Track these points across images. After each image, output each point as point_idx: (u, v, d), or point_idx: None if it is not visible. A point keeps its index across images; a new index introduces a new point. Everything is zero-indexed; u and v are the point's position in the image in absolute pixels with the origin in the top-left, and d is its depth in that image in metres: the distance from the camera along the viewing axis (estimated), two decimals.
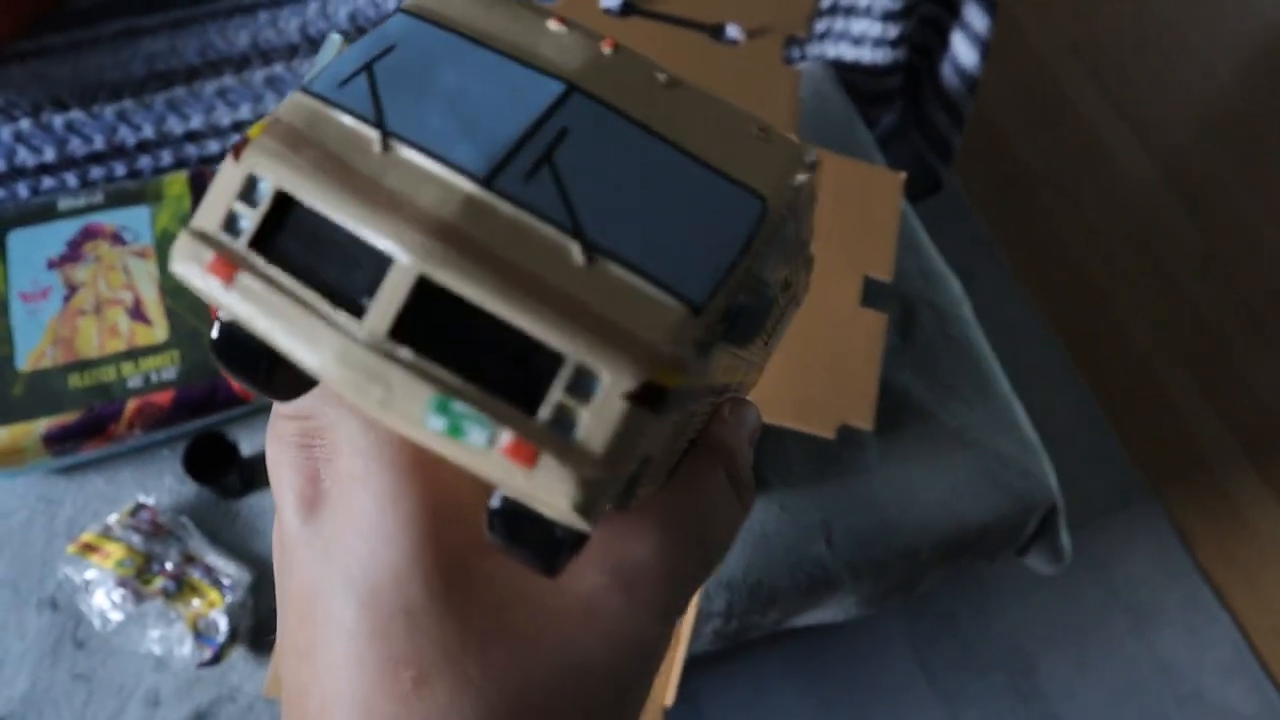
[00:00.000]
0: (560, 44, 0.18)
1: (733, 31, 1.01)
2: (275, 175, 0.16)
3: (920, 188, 1.27)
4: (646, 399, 0.15)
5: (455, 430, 0.15)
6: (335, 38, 0.19)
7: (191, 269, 0.16)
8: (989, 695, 1.30)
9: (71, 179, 0.92)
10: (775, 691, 1.28)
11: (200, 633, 0.73)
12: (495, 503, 0.17)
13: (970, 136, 1.75)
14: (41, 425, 0.75)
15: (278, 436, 0.22)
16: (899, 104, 1.23)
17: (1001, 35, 1.90)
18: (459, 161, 0.16)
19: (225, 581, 0.74)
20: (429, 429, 0.15)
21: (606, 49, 0.18)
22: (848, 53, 1.11)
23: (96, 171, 0.93)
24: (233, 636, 0.73)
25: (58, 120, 0.92)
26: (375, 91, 0.17)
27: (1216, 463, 1.50)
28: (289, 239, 0.16)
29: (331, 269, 0.16)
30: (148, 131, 0.93)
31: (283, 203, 0.16)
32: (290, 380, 0.18)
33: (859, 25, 1.09)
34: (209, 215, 0.17)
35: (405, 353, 0.15)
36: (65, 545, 0.76)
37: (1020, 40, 1.91)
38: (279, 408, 0.22)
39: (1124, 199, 1.74)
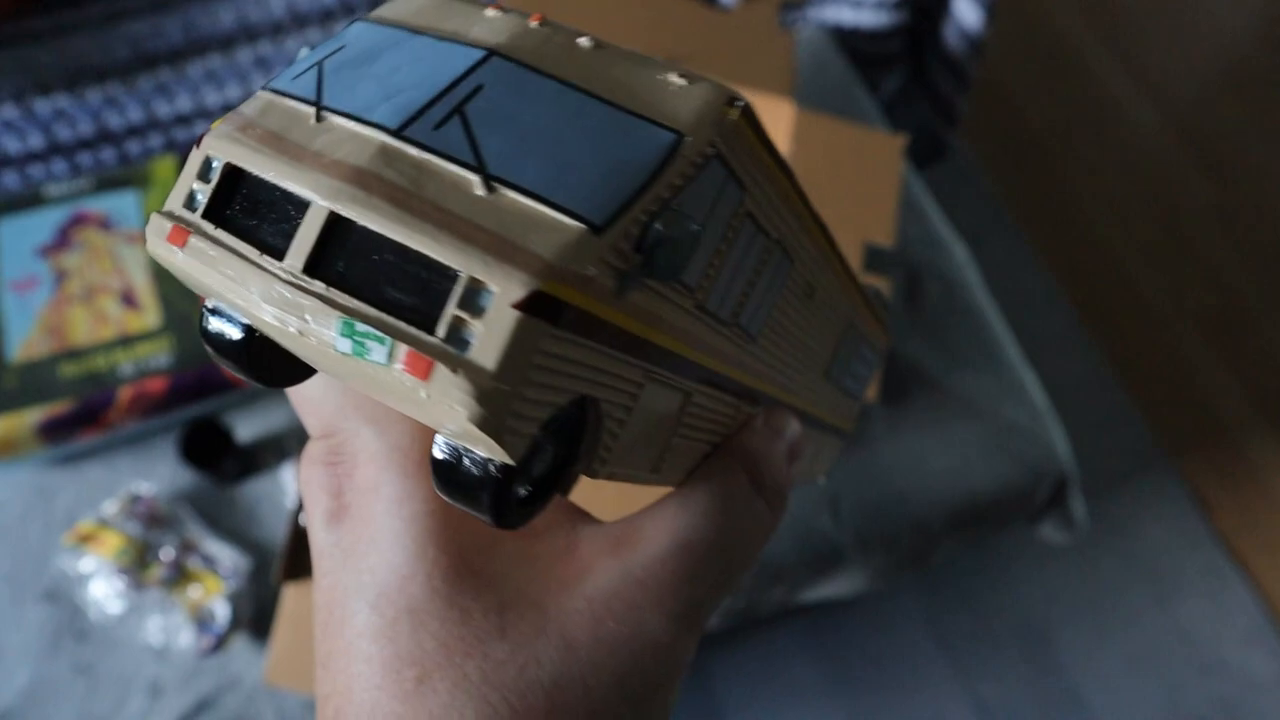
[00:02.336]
0: (491, 25, 0.20)
1: None
2: (225, 153, 0.18)
3: (926, 153, 1.24)
4: (539, 309, 0.16)
5: (360, 349, 0.16)
6: (305, 50, 0.21)
7: (155, 242, 0.18)
8: (1006, 668, 1.29)
9: (60, 166, 0.91)
10: (789, 668, 1.26)
11: (200, 621, 0.72)
12: (436, 452, 0.18)
13: (977, 99, 1.72)
14: (34, 415, 0.75)
15: (309, 458, 0.23)
16: (902, 68, 1.20)
17: None
18: (377, 119, 0.18)
19: (224, 569, 0.73)
20: (339, 351, 0.16)
21: (533, 23, 0.20)
22: (847, 17, 1.09)
23: (85, 158, 0.91)
24: (234, 624, 0.72)
25: (43, 106, 0.91)
26: (320, 79, 0.19)
27: (1234, 427, 1.48)
28: (236, 207, 0.18)
29: (268, 226, 0.18)
30: (135, 115, 0.92)
31: (232, 177, 0.18)
32: (281, 366, 0.20)
33: None
34: (175, 197, 0.19)
35: (318, 285, 0.17)
36: (62, 536, 0.75)
37: None
38: (313, 430, 0.23)
39: (1136, 158, 1.70)
